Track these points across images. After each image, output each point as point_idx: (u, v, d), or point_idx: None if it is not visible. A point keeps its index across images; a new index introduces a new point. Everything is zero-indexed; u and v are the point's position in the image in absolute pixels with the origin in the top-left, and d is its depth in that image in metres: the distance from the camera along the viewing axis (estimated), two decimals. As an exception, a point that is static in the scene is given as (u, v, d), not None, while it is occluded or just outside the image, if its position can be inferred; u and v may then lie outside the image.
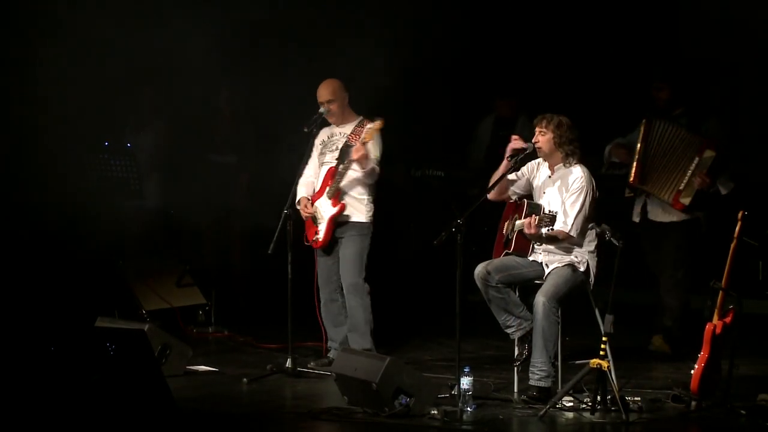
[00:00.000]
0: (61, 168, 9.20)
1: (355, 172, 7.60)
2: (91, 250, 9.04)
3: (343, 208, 7.62)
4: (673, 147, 7.95)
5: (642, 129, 8.03)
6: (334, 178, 7.64)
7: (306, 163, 7.77)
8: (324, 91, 7.69)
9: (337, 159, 7.68)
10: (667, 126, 7.96)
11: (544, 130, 6.87)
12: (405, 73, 10.46)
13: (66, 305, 8.43)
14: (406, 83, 10.53)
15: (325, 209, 7.66)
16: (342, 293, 7.74)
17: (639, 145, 8.01)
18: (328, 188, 7.65)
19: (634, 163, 8.00)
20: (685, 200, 7.89)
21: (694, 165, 7.87)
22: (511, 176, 7.03)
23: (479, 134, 10.26)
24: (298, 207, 7.71)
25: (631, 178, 8.03)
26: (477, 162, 10.22)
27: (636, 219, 8.20)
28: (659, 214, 8.10)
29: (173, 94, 9.47)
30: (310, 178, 7.80)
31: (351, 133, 7.69)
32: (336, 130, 7.77)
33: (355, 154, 7.50)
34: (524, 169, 7.04)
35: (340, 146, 7.70)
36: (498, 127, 10.12)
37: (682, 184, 7.90)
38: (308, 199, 7.72)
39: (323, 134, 7.79)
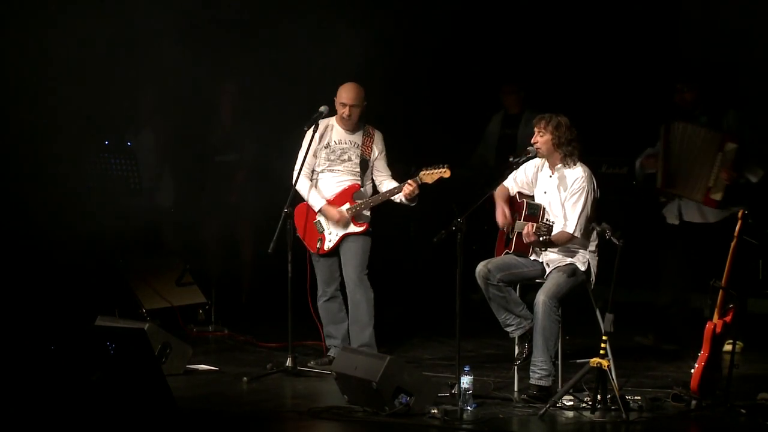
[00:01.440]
0: (61, 166, 9.20)
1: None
2: (91, 249, 9.03)
3: (366, 228, 7.61)
4: (695, 146, 7.93)
5: (662, 134, 8.01)
6: (359, 199, 7.57)
7: (302, 165, 7.65)
8: (352, 94, 7.52)
9: (360, 175, 7.63)
10: (686, 127, 7.95)
11: (542, 131, 6.87)
12: (404, 71, 10.48)
13: (66, 304, 8.42)
14: (405, 81, 10.55)
15: (349, 226, 7.62)
16: (342, 291, 7.74)
17: (661, 151, 7.99)
18: (350, 206, 7.60)
19: (659, 171, 7.99)
20: (716, 196, 7.86)
21: (718, 160, 7.85)
22: (512, 185, 7.04)
23: (488, 132, 10.24)
24: (320, 215, 7.64)
25: (658, 184, 8.00)
26: (485, 160, 10.20)
27: (675, 222, 8.13)
28: (695, 215, 8.05)
29: (172, 95, 9.48)
30: (307, 181, 7.69)
31: (363, 144, 7.63)
32: (344, 135, 7.67)
33: (408, 194, 7.45)
34: (526, 170, 7.03)
35: (353, 158, 7.62)
36: (505, 125, 10.12)
37: (711, 181, 7.88)
38: (331, 206, 7.63)
39: (327, 136, 7.67)
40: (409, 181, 7.49)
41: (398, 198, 7.58)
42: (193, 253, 9.47)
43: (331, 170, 7.67)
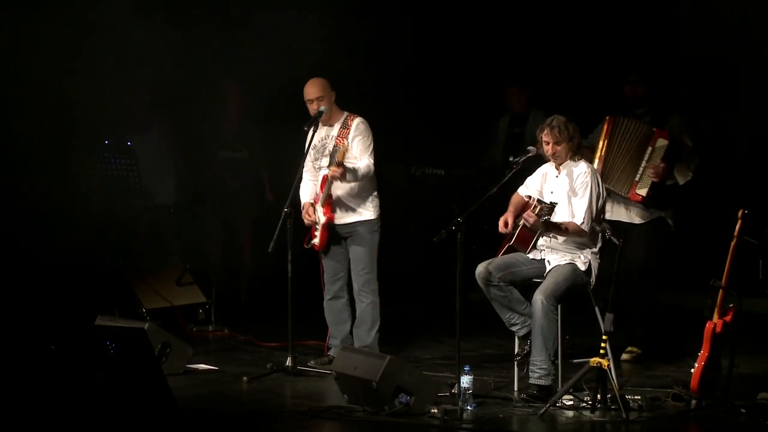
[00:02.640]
0: (61, 167, 9.21)
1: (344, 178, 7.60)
2: (91, 249, 9.04)
3: (332, 217, 7.59)
4: (632, 141, 7.82)
5: (606, 126, 7.90)
6: (325, 187, 7.61)
7: (302, 165, 7.70)
8: (312, 89, 7.58)
9: (328, 165, 7.66)
10: (630, 122, 7.85)
11: (558, 138, 6.86)
12: (404, 70, 10.48)
13: (66, 304, 8.43)
14: (405, 80, 10.55)
15: (319, 216, 7.65)
16: (347, 291, 7.74)
17: (602, 143, 7.87)
18: (321, 195, 7.63)
19: (597, 162, 7.83)
20: (642, 191, 7.77)
21: (647, 155, 7.79)
22: (524, 192, 7.08)
23: (496, 133, 10.22)
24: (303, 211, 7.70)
25: None
26: (494, 161, 10.17)
27: None
28: (623, 215, 7.94)
29: (178, 92, 9.48)
30: (308, 182, 7.75)
31: (337, 135, 7.65)
32: (325, 131, 7.70)
33: (331, 175, 7.44)
34: (536, 177, 7.05)
35: (330, 150, 7.68)
36: (512, 124, 10.11)
37: (638, 176, 7.78)
38: (311, 205, 7.69)
39: (316, 137, 7.69)
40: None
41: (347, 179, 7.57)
42: (193, 252, 9.47)
43: (319, 167, 7.69)
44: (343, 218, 7.64)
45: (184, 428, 6.16)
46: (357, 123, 7.63)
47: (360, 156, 7.54)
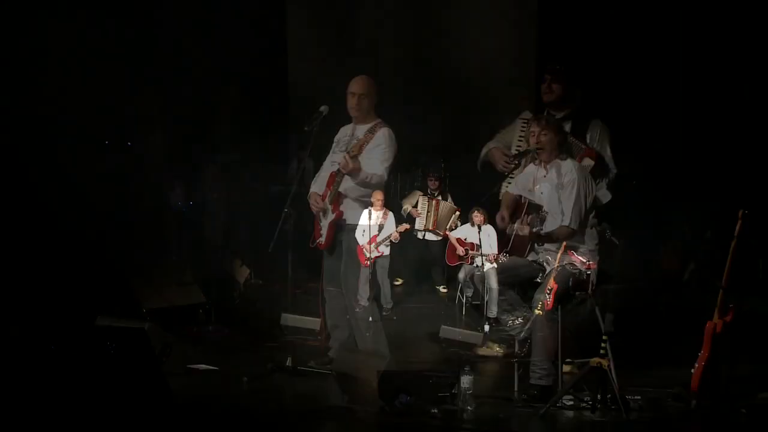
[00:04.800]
0: (62, 167, 9.22)
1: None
2: (92, 249, 9.05)
3: (340, 214, 7.59)
4: None
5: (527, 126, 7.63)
6: (334, 183, 7.60)
7: (320, 161, 7.71)
8: (358, 83, 7.55)
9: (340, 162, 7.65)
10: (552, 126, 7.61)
11: (545, 130, 6.87)
12: (406, 70, 10.50)
13: (66, 304, 8.43)
14: (406, 80, 10.56)
15: (326, 213, 7.65)
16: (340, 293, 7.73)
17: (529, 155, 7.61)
18: (329, 193, 7.63)
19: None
20: None
21: None
22: (514, 189, 7.06)
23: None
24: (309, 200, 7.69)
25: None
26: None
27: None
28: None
29: (176, 96, 9.51)
30: (320, 176, 7.72)
31: (362, 137, 7.64)
32: (351, 129, 7.66)
33: (343, 168, 7.40)
34: (527, 176, 7.05)
35: (347, 148, 7.65)
36: None
37: None
38: (319, 195, 7.69)
39: (342, 131, 7.67)
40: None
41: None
42: (196, 252, 9.50)
43: (333, 162, 7.66)
44: (348, 218, 7.64)
45: (184, 428, 6.16)
46: (383, 132, 7.56)
47: (375, 165, 7.44)
